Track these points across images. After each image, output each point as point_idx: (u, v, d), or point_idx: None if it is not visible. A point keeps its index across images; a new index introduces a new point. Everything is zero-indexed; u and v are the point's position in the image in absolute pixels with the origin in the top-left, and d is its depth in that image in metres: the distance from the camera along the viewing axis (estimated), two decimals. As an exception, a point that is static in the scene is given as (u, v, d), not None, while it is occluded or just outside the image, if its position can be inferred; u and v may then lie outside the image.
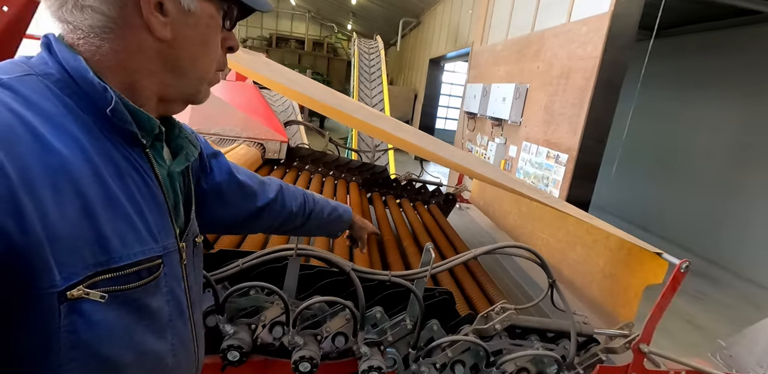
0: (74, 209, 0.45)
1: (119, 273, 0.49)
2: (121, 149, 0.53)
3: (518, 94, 4.96)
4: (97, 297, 0.46)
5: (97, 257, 0.47)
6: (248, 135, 2.42)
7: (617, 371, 1.14)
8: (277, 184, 0.99)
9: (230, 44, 0.62)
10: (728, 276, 5.45)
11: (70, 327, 0.45)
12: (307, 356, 0.97)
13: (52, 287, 0.43)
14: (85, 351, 0.47)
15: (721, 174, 5.96)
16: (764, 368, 1.20)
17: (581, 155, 3.92)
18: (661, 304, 1.08)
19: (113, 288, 0.48)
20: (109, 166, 0.50)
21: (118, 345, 0.50)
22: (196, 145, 0.69)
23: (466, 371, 1.10)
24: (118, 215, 0.50)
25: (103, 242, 0.47)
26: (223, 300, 0.96)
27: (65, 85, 0.50)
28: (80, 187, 0.46)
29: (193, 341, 0.65)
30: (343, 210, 1.11)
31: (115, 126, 0.52)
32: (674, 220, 6.56)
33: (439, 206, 2.68)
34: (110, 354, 0.49)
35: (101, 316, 0.47)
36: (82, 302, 0.45)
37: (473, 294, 1.50)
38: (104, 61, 0.52)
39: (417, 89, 13.29)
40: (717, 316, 4.24)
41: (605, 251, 1.48)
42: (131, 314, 0.51)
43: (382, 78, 6.20)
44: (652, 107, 6.98)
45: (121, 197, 0.51)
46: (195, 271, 0.68)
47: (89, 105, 0.50)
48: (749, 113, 5.62)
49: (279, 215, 0.96)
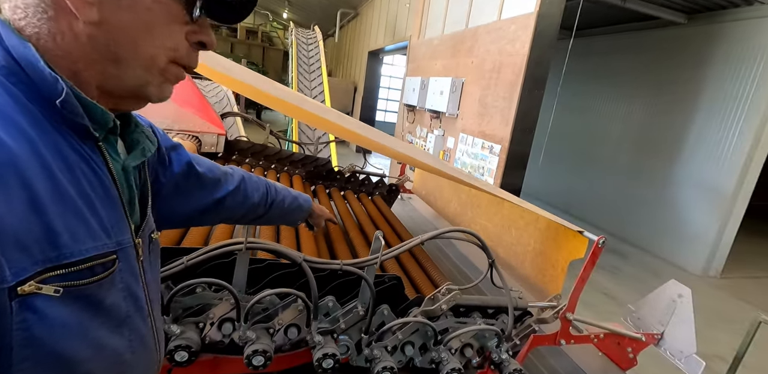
0: (21, 203, 0.43)
1: (71, 269, 0.47)
2: (72, 141, 0.50)
3: (454, 87, 5.15)
4: (51, 291, 0.45)
5: (47, 252, 0.45)
6: (181, 128, 2.30)
7: (548, 339, 1.27)
8: (239, 175, 0.98)
9: (199, 38, 0.57)
10: (636, 252, 6.15)
11: (22, 325, 0.43)
12: (261, 350, 0.97)
13: (2, 282, 0.41)
14: (39, 349, 0.45)
15: (630, 162, 6.68)
16: (664, 325, 1.39)
17: (512, 145, 4.19)
18: (583, 276, 1.22)
19: (66, 284, 0.47)
20: (59, 159, 0.48)
21: (74, 341, 0.48)
22: (153, 141, 0.66)
23: (415, 351, 1.16)
24: (68, 210, 0.48)
25: (52, 237, 0.45)
26: (168, 299, 0.93)
27: (11, 73, 0.46)
28: (27, 181, 0.44)
29: (154, 337, 0.63)
30: (304, 200, 1.14)
31: (65, 118, 0.49)
32: (591, 203, 7.26)
33: (382, 197, 2.73)
34: (65, 351, 0.47)
35: (55, 312, 0.46)
36: (35, 297, 0.44)
37: (418, 278, 1.58)
38: (48, 46, 0.48)
39: (356, 81, 13.26)
40: (628, 288, 4.79)
41: (535, 232, 1.62)
42: (85, 310, 0.50)
43: (322, 69, 6.11)
44: (572, 101, 7.60)
45: (71, 191, 0.48)
46: (152, 267, 0.66)
47: (38, 96, 0.47)
48: (653, 108, 6.33)
49: (241, 206, 0.96)
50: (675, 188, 5.92)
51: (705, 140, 5.55)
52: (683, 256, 5.70)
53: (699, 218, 5.57)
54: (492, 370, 1.23)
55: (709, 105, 5.51)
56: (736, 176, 5.14)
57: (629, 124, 6.71)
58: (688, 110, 5.75)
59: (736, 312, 4.46)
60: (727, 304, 4.70)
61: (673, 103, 5.98)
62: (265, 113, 17.50)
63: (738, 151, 5.14)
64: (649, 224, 6.23)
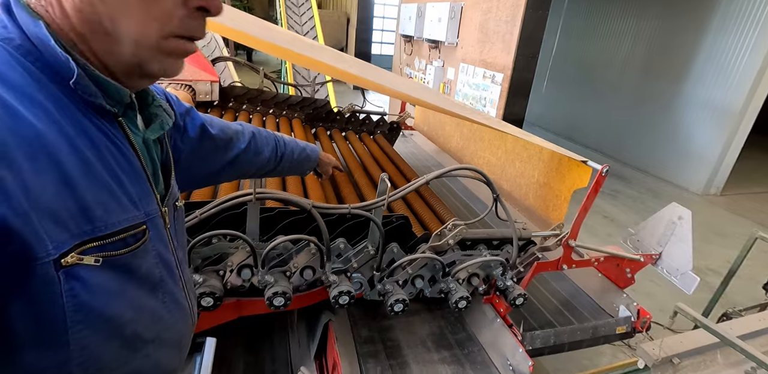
0: (53, 179, 0.44)
1: (106, 241, 0.50)
2: (92, 118, 0.51)
3: (453, 13, 4.79)
4: (92, 261, 0.48)
5: (82, 226, 0.47)
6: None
7: (550, 265, 1.34)
8: (249, 131, 0.99)
9: (199, 3, 0.50)
10: (638, 174, 6.20)
11: (71, 292, 0.47)
12: (280, 291, 1.04)
13: (47, 256, 0.44)
14: (89, 313, 0.49)
15: (635, 85, 6.43)
16: (662, 246, 1.45)
17: (515, 73, 4.00)
18: (586, 205, 1.25)
19: (103, 254, 0.50)
20: (83, 137, 0.49)
21: (118, 305, 0.52)
22: (171, 113, 0.66)
23: (425, 283, 1.24)
24: (98, 185, 0.49)
25: (85, 211, 0.47)
26: (187, 250, 0.97)
27: (28, 52, 0.46)
28: (57, 158, 0.45)
29: (186, 298, 0.68)
30: (311, 150, 1.16)
31: (82, 97, 0.50)
32: (594, 129, 7.15)
33: (384, 136, 2.70)
34: (112, 313, 0.52)
35: (97, 279, 0.49)
36: (78, 268, 0.47)
37: (425, 215, 1.62)
38: (61, 23, 0.47)
39: (348, 12, 12.33)
40: (628, 209, 4.92)
41: (539, 164, 1.62)
42: (124, 277, 0.53)
43: (311, 2, 5.63)
44: (577, 22, 7.09)
45: (98, 166, 0.50)
46: (178, 233, 0.69)
47: (54, 74, 0.47)
48: (662, 27, 5.90)
49: (253, 163, 0.99)
50: (681, 109, 5.76)
51: (715, 58, 5.26)
52: (685, 176, 5.74)
53: (703, 138, 5.50)
54: (498, 296, 1.33)
55: (720, 22, 5.14)
56: (745, 93, 4.95)
57: (636, 45, 6.32)
58: (699, 28, 5.37)
59: (732, 227, 4.61)
60: (724, 220, 4.83)
61: (683, 21, 5.57)
62: (256, 53, 16.62)
63: (749, 67, 4.90)
64: (652, 147, 6.18)
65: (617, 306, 1.46)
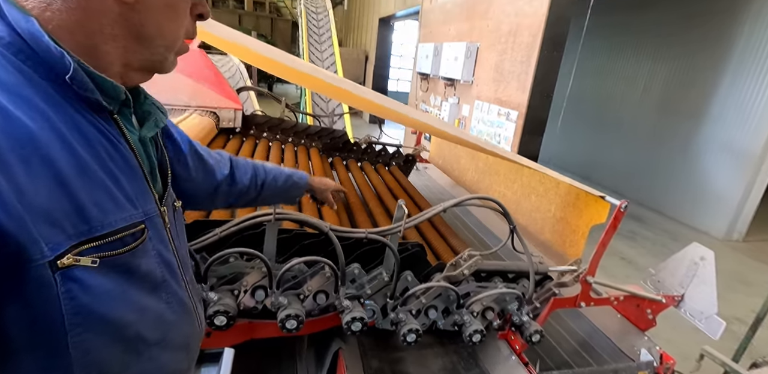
0: (47, 181, 0.44)
1: (103, 241, 0.49)
2: (87, 116, 0.51)
3: (469, 53, 4.98)
4: (89, 262, 0.47)
5: (78, 227, 0.47)
6: (199, 104, 2.31)
7: (568, 301, 1.30)
8: (227, 158, 0.98)
9: (200, 11, 0.60)
10: (655, 216, 6.08)
11: (68, 295, 0.46)
12: (293, 314, 1.03)
13: (42, 258, 0.43)
14: (88, 316, 0.48)
15: (651, 125, 6.46)
16: (684, 287, 1.41)
17: (530, 111, 4.08)
18: (605, 240, 1.23)
19: (101, 255, 0.49)
20: (77, 134, 0.48)
21: (118, 307, 0.51)
22: (165, 111, 0.67)
23: (438, 314, 1.21)
24: (93, 184, 0.49)
25: (81, 212, 0.47)
26: (206, 268, 0.98)
27: (19, 50, 0.46)
28: (50, 158, 0.45)
29: (190, 298, 0.67)
30: (299, 177, 1.12)
31: (77, 93, 0.49)
32: (610, 168, 7.13)
33: (399, 167, 2.74)
34: (112, 315, 0.51)
35: (96, 281, 0.48)
36: (74, 269, 0.46)
37: (439, 247, 1.61)
38: (56, 19, 0.48)
39: (367, 50, 12.90)
40: (646, 252, 4.78)
41: (556, 198, 1.62)
42: (124, 277, 0.52)
43: (333, 39, 5.94)
44: (592, 62, 7.28)
45: (94, 165, 0.49)
46: (179, 235, 0.69)
47: (47, 71, 0.47)
48: (678, 66, 6.02)
49: (233, 191, 0.96)
50: (698, 150, 5.74)
51: (734, 98, 5.29)
52: (705, 220, 5.61)
53: (723, 181, 5.42)
54: (513, 332, 1.28)
55: (738, 64, 5.22)
56: (766, 134, 4.92)
57: (651, 85, 6.43)
58: (716, 68, 5.46)
59: (757, 275, 4.43)
60: (748, 267, 4.66)
61: (700, 61, 5.68)
62: (276, 86, 17.32)
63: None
64: (668, 188, 6.11)
65: (638, 349, 1.39)
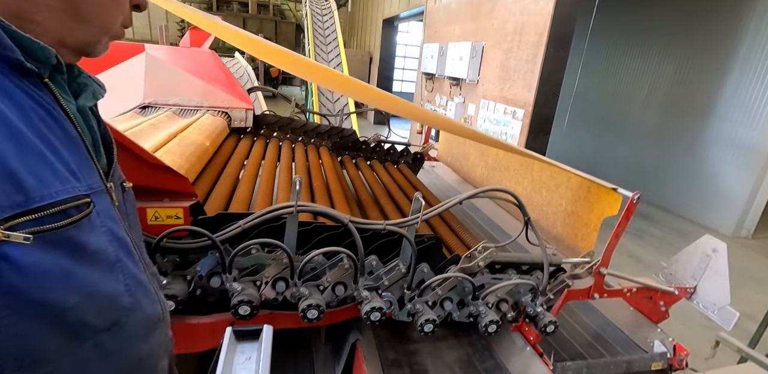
0: None
1: (43, 213, 0.45)
2: (13, 79, 0.47)
3: (474, 52, 5.00)
4: (20, 239, 0.43)
5: (13, 197, 0.43)
6: (211, 104, 2.34)
7: (582, 293, 1.32)
8: None
9: (138, 2, 0.61)
10: (663, 214, 6.06)
11: None
12: (314, 304, 1.05)
13: None
14: (17, 297, 0.43)
15: (657, 123, 6.46)
16: (696, 280, 1.42)
17: (536, 110, 4.10)
18: (617, 232, 1.25)
19: (39, 229, 0.45)
20: (5, 99, 0.45)
21: (57, 288, 0.47)
22: (102, 85, 0.64)
23: (453, 306, 1.23)
24: (27, 151, 0.45)
25: (16, 181, 0.43)
26: (230, 258, 1.01)
27: None
28: None
29: (150, 282, 0.63)
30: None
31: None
32: (616, 166, 7.11)
33: (408, 165, 2.76)
34: (48, 298, 0.46)
35: (31, 259, 0.44)
36: (4, 246, 0.42)
37: (450, 240, 1.63)
38: None
39: (371, 52, 12.96)
40: (654, 250, 4.77)
41: (567, 192, 1.63)
42: (68, 255, 0.48)
43: (338, 41, 5.99)
44: (597, 60, 7.27)
45: (26, 131, 0.45)
46: (130, 215, 0.65)
47: None
48: (685, 64, 6.01)
49: None
50: (705, 148, 5.72)
51: (740, 96, 5.29)
52: (713, 217, 5.59)
53: (731, 178, 5.40)
54: (527, 323, 1.30)
55: (744, 62, 5.22)
56: (774, 131, 4.92)
57: (657, 84, 6.42)
58: (722, 67, 5.45)
59: (766, 272, 4.41)
60: (757, 264, 4.63)
61: (706, 60, 5.67)
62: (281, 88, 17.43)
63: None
64: (676, 186, 6.10)
65: (651, 340, 1.40)
